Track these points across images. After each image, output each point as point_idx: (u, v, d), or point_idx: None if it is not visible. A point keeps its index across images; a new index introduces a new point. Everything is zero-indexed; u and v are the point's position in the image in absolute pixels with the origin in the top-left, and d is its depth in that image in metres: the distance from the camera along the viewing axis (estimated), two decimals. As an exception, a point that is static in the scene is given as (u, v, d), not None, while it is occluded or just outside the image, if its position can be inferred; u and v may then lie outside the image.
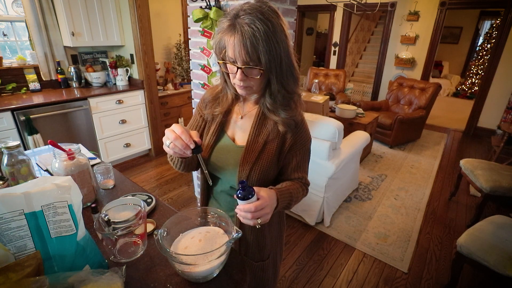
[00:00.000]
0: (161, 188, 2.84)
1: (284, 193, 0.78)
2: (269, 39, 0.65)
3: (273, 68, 0.69)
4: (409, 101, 4.26)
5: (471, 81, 7.16)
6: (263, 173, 0.81)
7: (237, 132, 0.86)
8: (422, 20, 4.85)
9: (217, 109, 0.86)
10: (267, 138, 0.81)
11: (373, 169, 3.32)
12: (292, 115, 0.78)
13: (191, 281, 0.71)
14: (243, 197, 0.66)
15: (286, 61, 0.70)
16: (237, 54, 0.67)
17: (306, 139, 0.84)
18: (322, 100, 3.02)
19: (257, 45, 0.64)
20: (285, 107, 0.77)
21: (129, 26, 2.98)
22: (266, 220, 0.69)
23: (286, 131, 0.80)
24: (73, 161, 0.95)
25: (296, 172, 0.86)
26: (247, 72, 0.70)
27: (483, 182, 2.24)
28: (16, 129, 2.34)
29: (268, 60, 0.66)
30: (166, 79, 3.74)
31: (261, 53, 0.65)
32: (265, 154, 0.81)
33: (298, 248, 2.10)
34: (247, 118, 0.85)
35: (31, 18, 2.59)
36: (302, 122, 0.82)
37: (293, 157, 0.84)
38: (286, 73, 0.71)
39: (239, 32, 0.65)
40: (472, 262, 1.60)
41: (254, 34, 0.64)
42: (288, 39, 0.70)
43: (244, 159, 0.80)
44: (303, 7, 6.06)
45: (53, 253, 0.62)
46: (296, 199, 0.83)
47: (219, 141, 0.87)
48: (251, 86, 0.74)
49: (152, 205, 1.02)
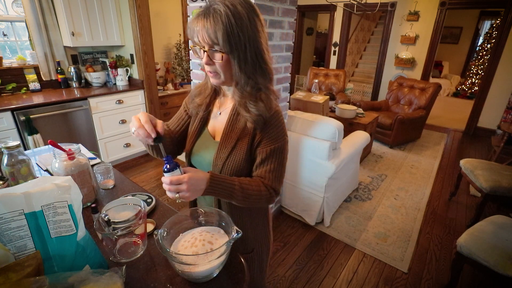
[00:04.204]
0: (161, 188, 2.83)
1: (224, 182, 0.76)
2: (230, 22, 0.67)
3: (235, 53, 0.71)
4: (409, 101, 4.26)
5: (471, 81, 7.16)
6: (236, 169, 0.83)
7: (216, 127, 0.89)
8: (422, 20, 4.85)
9: (197, 99, 0.90)
10: (240, 135, 0.82)
11: (373, 169, 3.32)
12: (261, 112, 0.77)
13: (191, 281, 0.71)
14: (167, 171, 0.71)
15: (252, 52, 0.72)
16: (201, 37, 0.71)
17: (275, 138, 0.81)
18: (322, 100, 3.02)
19: (217, 26, 0.67)
20: (254, 101, 0.77)
21: (129, 26, 2.98)
22: (185, 197, 0.70)
23: (255, 128, 0.81)
24: (73, 161, 0.95)
25: (259, 169, 0.83)
26: (212, 55, 0.73)
27: (483, 182, 2.24)
28: (16, 129, 2.34)
29: (228, 43, 0.69)
30: (166, 79, 3.74)
31: (220, 34, 0.68)
32: (237, 150, 0.82)
33: (298, 248, 2.10)
34: (224, 114, 0.87)
35: (31, 18, 2.59)
36: (272, 120, 0.80)
37: (259, 154, 0.82)
38: (252, 63, 0.74)
39: (205, 16, 0.69)
40: (472, 262, 1.60)
41: (216, 16, 0.67)
42: (259, 33, 0.73)
43: (217, 155, 0.84)
44: (303, 7, 6.06)
45: (53, 253, 0.62)
46: (247, 195, 0.79)
47: (200, 136, 0.91)
48: (218, 72, 0.76)
49: (152, 205, 1.02)
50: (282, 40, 1.80)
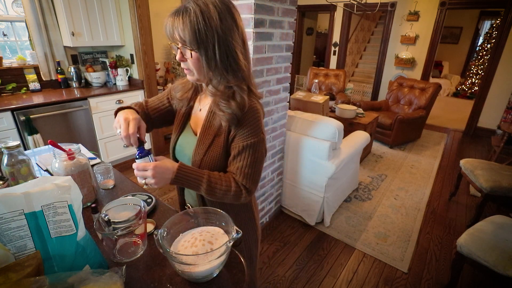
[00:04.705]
0: (161, 188, 2.83)
1: (191, 174, 0.79)
2: (198, 21, 0.69)
3: (203, 52, 0.73)
4: (409, 101, 4.26)
5: (471, 81, 7.16)
6: (213, 164, 0.85)
7: (197, 123, 0.92)
8: (422, 20, 4.85)
9: (178, 94, 0.94)
10: (217, 131, 0.85)
11: (373, 169, 3.32)
12: (233, 111, 0.78)
13: (191, 281, 0.71)
14: (138, 158, 0.78)
15: (222, 51, 0.74)
16: (172, 34, 0.74)
17: (248, 135, 0.81)
18: (322, 100, 3.02)
19: (185, 24, 0.70)
20: (226, 100, 0.79)
21: (129, 26, 2.98)
22: (151, 183, 0.76)
23: (229, 125, 0.82)
24: (73, 161, 0.95)
25: (232, 165, 0.84)
26: (184, 52, 0.76)
27: (483, 182, 2.24)
28: (16, 129, 2.34)
29: (196, 41, 0.71)
30: (166, 79, 3.74)
31: (187, 33, 0.71)
32: (215, 146, 0.85)
33: (298, 248, 2.10)
34: (203, 110, 0.90)
35: (31, 18, 2.59)
36: (246, 117, 0.80)
37: (232, 150, 0.84)
38: (222, 62, 0.75)
39: (177, 14, 0.72)
40: (472, 262, 1.60)
41: (185, 15, 0.70)
42: (231, 33, 0.74)
43: (195, 151, 0.87)
44: (303, 7, 6.06)
45: (53, 253, 0.62)
46: (212, 189, 0.80)
47: (183, 131, 0.95)
48: (191, 69, 0.79)
49: (152, 205, 1.02)
50: (282, 40, 1.80)
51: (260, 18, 1.56)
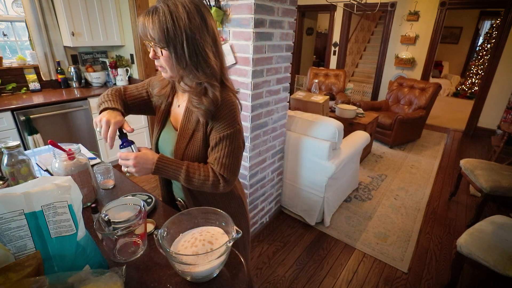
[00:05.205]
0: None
1: (170, 165, 0.85)
2: (166, 21, 0.72)
3: (172, 50, 0.76)
4: (409, 101, 4.26)
5: (471, 81, 7.16)
6: (195, 157, 0.90)
7: (177, 119, 0.95)
8: (422, 20, 4.85)
9: (155, 90, 0.97)
10: (196, 126, 0.88)
11: (373, 169, 3.32)
12: (206, 107, 0.81)
13: (191, 281, 0.71)
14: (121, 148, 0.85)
15: (191, 50, 0.76)
16: (144, 33, 0.76)
17: (225, 127, 0.84)
18: (322, 100, 3.02)
19: (154, 23, 0.73)
20: (198, 97, 0.82)
21: (129, 26, 2.98)
22: (132, 172, 0.83)
23: (206, 120, 0.85)
24: (73, 161, 0.95)
25: (211, 156, 0.88)
26: (156, 50, 0.78)
27: (483, 182, 2.24)
28: (16, 129, 2.34)
29: (164, 40, 0.74)
30: (166, 79, 3.73)
31: (155, 31, 0.73)
32: (194, 140, 0.89)
33: (298, 248, 2.10)
34: (182, 107, 0.93)
35: (31, 18, 2.59)
36: (221, 110, 0.83)
37: (210, 141, 0.88)
38: (191, 60, 0.77)
39: (148, 14, 0.75)
40: (472, 262, 1.60)
41: (154, 15, 0.73)
42: (200, 32, 0.76)
43: (177, 145, 0.91)
44: (303, 7, 6.06)
45: (53, 253, 0.62)
46: (189, 179, 0.85)
47: (164, 127, 0.98)
48: (163, 66, 0.82)
49: (152, 205, 1.02)
50: (282, 40, 1.80)
51: (260, 18, 1.56)
